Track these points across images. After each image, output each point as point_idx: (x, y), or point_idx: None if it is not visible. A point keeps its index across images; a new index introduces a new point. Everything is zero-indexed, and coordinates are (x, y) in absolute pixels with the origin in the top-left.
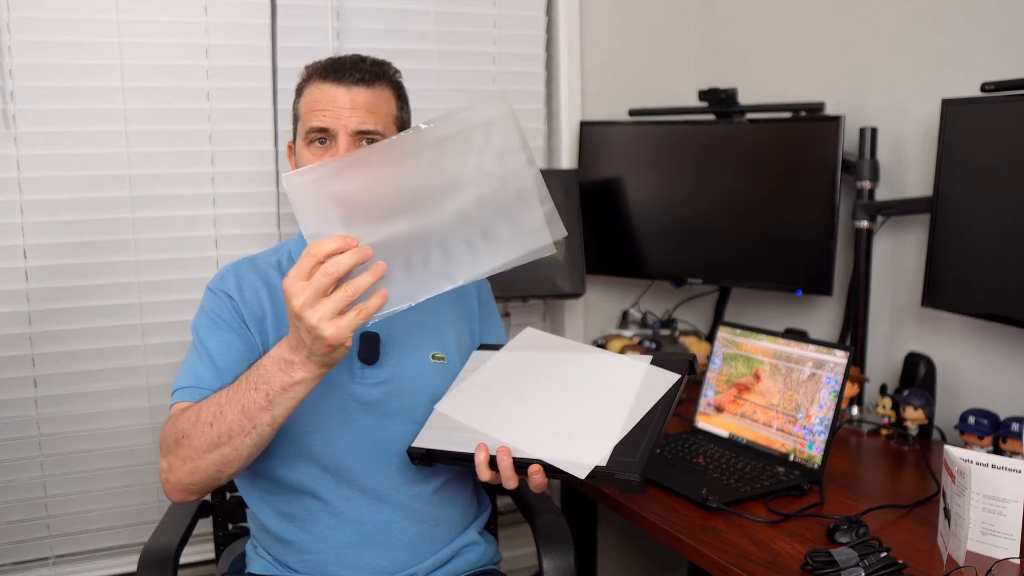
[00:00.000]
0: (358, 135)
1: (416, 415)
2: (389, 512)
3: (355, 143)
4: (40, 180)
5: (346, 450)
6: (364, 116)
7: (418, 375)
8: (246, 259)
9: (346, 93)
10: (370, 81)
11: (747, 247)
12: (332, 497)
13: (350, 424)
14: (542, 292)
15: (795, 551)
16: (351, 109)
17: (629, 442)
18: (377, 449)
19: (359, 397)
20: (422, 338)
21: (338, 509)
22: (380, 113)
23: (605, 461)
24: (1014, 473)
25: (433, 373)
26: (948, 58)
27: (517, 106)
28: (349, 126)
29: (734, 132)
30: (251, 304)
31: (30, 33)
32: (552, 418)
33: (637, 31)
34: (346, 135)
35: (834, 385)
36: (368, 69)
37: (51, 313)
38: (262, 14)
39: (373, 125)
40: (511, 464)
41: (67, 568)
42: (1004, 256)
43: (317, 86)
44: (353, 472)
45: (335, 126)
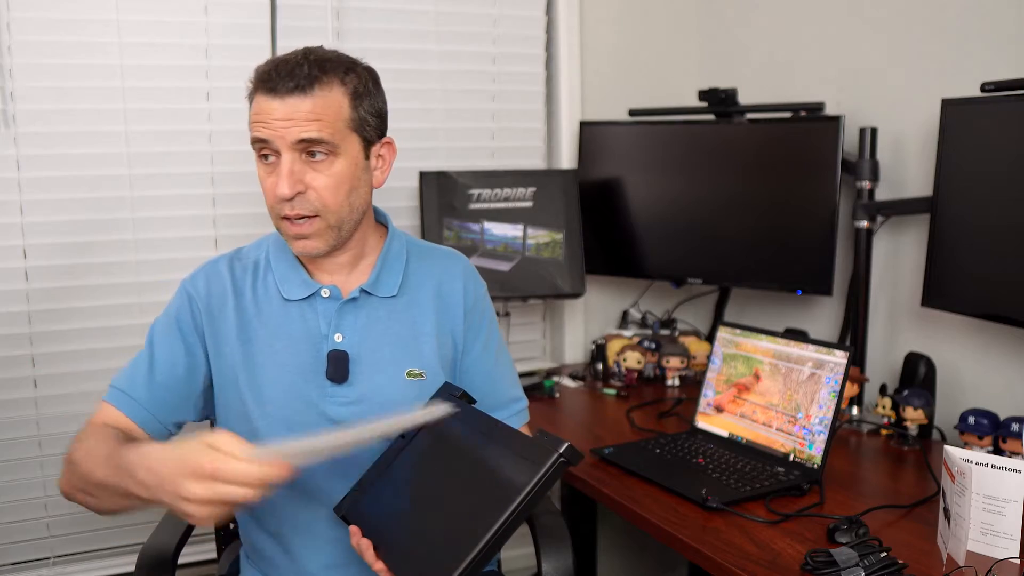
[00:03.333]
0: (301, 144)
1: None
2: None
3: (301, 155)
4: (40, 180)
5: (315, 468)
6: (304, 124)
7: (391, 394)
8: (226, 257)
9: (281, 105)
10: (307, 87)
11: (747, 247)
12: (303, 517)
13: None
14: (542, 292)
15: (795, 551)
16: (287, 121)
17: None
18: (351, 468)
19: (329, 416)
20: (397, 354)
21: (310, 530)
22: (326, 118)
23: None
24: (1014, 473)
25: (408, 390)
26: (948, 58)
27: (517, 106)
28: (288, 137)
29: (734, 132)
30: (215, 312)
31: (30, 33)
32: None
33: (637, 31)
34: (287, 149)
35: (834, 385)
36: (305, 74)
37: (51, 313)
38: (262, 14)
39: (316, 132)
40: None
41: (67, 568)
42: (1004, 256)
43: (258, 98)
44: (323, 491)
45: (273, 138)
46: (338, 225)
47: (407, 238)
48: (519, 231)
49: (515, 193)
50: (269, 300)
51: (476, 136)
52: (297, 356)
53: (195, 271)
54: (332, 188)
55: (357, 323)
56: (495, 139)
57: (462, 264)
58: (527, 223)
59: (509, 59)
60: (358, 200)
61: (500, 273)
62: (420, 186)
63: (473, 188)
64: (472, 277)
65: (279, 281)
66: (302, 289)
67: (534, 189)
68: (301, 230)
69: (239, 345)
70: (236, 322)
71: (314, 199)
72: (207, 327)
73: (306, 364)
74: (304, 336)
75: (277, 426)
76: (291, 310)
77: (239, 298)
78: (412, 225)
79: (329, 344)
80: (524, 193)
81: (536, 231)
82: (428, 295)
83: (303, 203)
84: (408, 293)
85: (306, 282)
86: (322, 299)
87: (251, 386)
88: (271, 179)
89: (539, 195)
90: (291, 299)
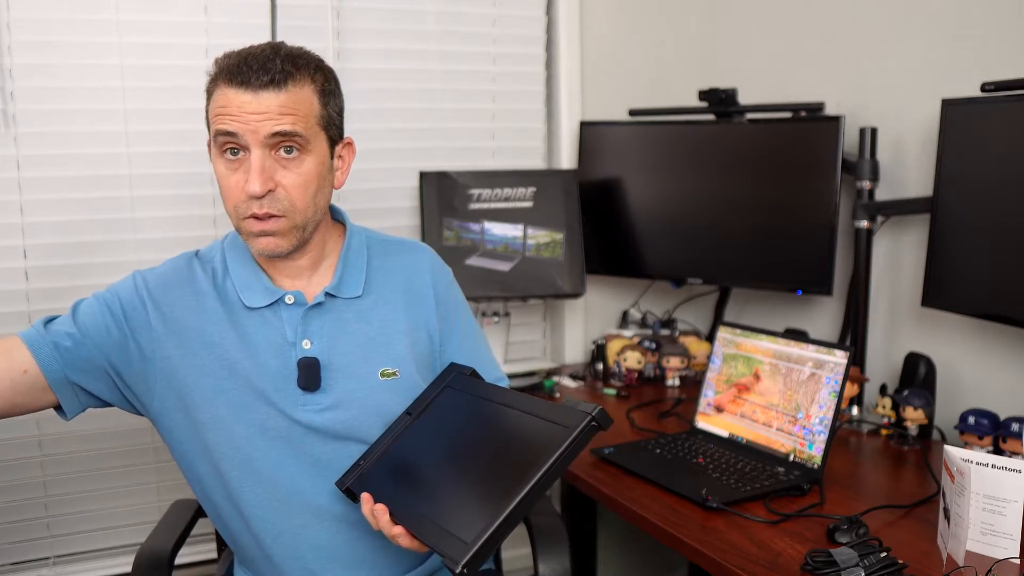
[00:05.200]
0: (274, 139)
1: (368, 435)
2: (348, 531)
3: (271, 151)
4: (40, 180)
5: (292, 472)
6: (278, 118)
7: (366, 396)
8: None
9: (254, 98)
10: (281, 81)
11: (747, 247)
12: (285, 524)
13: (294, 448)
14: (542, 292)
15: (795, 551)
16: (261, 114)
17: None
18: (329, 469)
19: (304, 423)
20: (368, 355)
21: (294, 536)
22: (299, 113)
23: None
24: (1014, 473)
25: (383, 391)
26: (948, 58)
27: (517, 106)
28: (261, 131)
29: (734, 132)
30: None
31: (30, 33)
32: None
33: (637, 31)
34: (258, 144)
35: (834, 385)
36: (279, 68)
37: (51, 313)
38: (262, 14)
39: (291, 125)
40: (388, 521)
41: (67, 568)
42: (1004, 256)
43: (223, 89)
44: (305, 494)
45: (244, 132)
46: (303, 225)
47: (367, 233)
48: (519, 231)
49: (515, 193)
50: (230, 306)
51: (476, 136)
52: (266, 364)
53: (154, 266)
54: (301, 187)
55: (324, 328)
56: (495, 139)
57: (427, 255)
58: (527, 223)
59: (509, 59)
60: (322, 200)
61: (500, 273)
62: (420, 186)
63: (473, 188)
64: (438, 267)
65: (239, 288)
66: (264, 296)
67: (534, 189)
68: (267, 227)
69: (203, 350)
70: (198, 325)
71: (283, 197)
72: (155, 321)
73: (275, 372)
74: (270, 344)
75: (250, 435)
76: (254, 318)
77: (202, 301)
78: (412, 225)
79: (298, 352)
80: (524, 193)
81: (536, 231)
82: (395, 291)
83: (272, 202)
84: (374, 291)
85: (268, 289)
86: (286, 306)
87: (219, 392)
88: (236, 176)
89: (539, 195)
90: (253, 306)
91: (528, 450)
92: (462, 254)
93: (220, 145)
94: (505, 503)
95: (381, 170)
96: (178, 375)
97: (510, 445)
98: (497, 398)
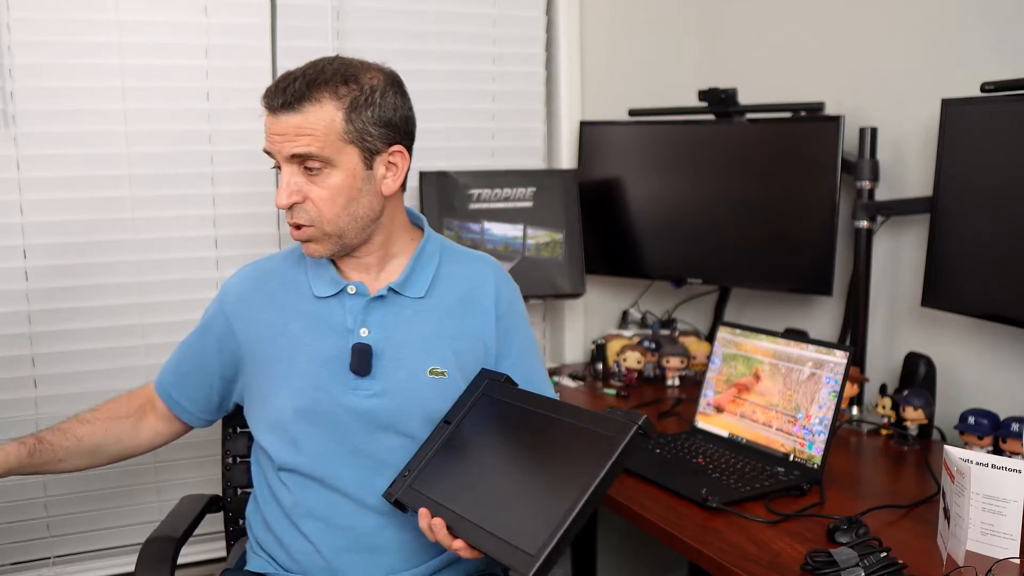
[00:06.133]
0: (295, 159)
1: (408, 428)
2: (376, 519)
3: (295, 168)
4: (40, 180)
5: (334, 457)
6: (293, 140)
7: (413, 389)
8: (264, 259)
9: (275, 121)
10: (295, 103)
11: (747, 247)
12: (320, 502)
13: (339, 432)
14: (542, 292)
15: (795, 551)
16: (281, 136)
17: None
18: (367, 459)
19: (351, 407)
20: (419, 352)
21: (326, 515)
22: (316, 133)
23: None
24: (1014, 473)
25: (430, 388)
26: (948, 58)
27: (517, 106)
28: (284, 152)
29: (734, 132)
30: (248, 311)
31: (30, 33)
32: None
33: (637, 31)
34: (286, 163)
35: (834, 385)
36: (294, 91)
37: (51, 313)
38: (262, 14)
39: (305, 148)
40: (446, 534)
41: (67, 568)
42: (1004, 256)
43: (264, 112)
44: (340, 480)
45: (274, 152)
46: (337, 234)
47: (441, 242)
48: (519, 231)
49: (515, 193)
50: (301, 298)
51: (476, 136)
52: (323, 349)
53: (235, 272)
54: (327, 200)
55: (383, 319)
56: (495, 139)
57: (493, 269)
58: (527, 223)
59: (509, 59)
60: (360, 209)
61: None
62: (420, 186)
63: (473, 188)
64: (505, 281)
65: (311, 279)
66: (330, 286)
67: (534, 189)
68: (300, 236)
69: (271, 341)
70: (269, 319)
71: (310, 209)
72: (239, 325)
73: (331, 357)
74: (331, 330)
75: (300, 418)
76: (321, 307)
77: (271, 298)
78: None
79: (355, 338)
80: (524, 193)
81: (536, 231)
82: (455, 298)
83: (300, 212)
84: (436, 295)
85: (334, 280)
86: (349, 296)
87: (283, 377)
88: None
89: (539, 195)
90: (321, 296)
91: (578, 460)
92: None
93: (272, 163)
94: (564, 515)
95: None
96: (257, 367)
97: (559, 455)
98: (538, 407)
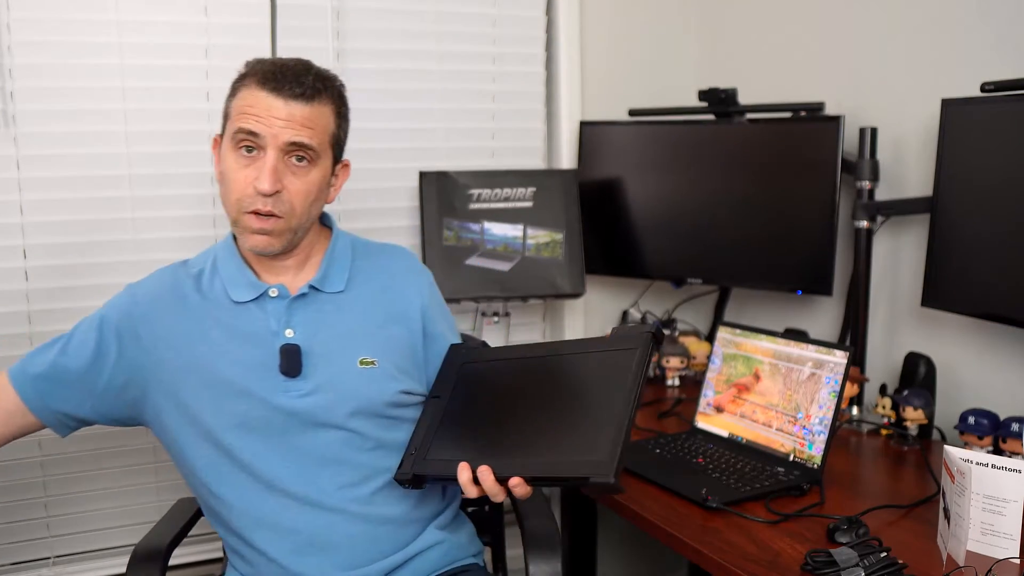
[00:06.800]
0: (290, 147)
1: (344, 422)
2: (324, 517)
3: (285, 156)
4: (40, 180)
5: (275, 460)
6: (299, 129)
7: (345, 382)
8: (172, 266)
9: (283, 106)
10: (311, 96)
11: (747, 247)
12: (265, 510)
13: (275, 435)
14: (542, 292)
15: (795, 551)
16: (286, 121)
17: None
18: (307, 457)
19: (286, 409)
20: (348, 345)
21: (274, 521)
22: (317, 128)
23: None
24: (1014, 473)
25: (361, 378)
26: (948, 58)
27: (517, 106)
28: (281, 137)
29: (734, 132)
30: (156, 318)
31: (30, 33)
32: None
33: (637, 31)
34: (275, 148)
35: (834, 385)
36: (311, 84)
37: (51, 313)
38: (262, 14)
39: (308, 139)
40: (494, 481)
41: (67, 568)
42: (1004, 256)
43: (254, 91)
44: (283, 481)
45: (265, 134)
46: (296, 229)
47: (351, 238)
48: (519, 231)
49: (515, 193)
50: (218, 304)
51: (476, 136)
52: (249, 355)
53: (144, 278)
54: (303, 194)
55: (307, 318)
56: (495, 139)
57: (408, 257)
58: (527, 223)
59: (509, 59)
60: (315, 210)
61: (500, 273)
62: (420, 186)
63: (473, 188)
64: (419, 269)
65: (227, 284)
66: (250, 291)
67: (534, 189)
68: (265, 226)
69: (188, 349)
70: (184, 327)
71: (286, 200)
72: (144, 332)
73: (258, 362)
74: (254, 335)
75: (232, 425)
76: (240, 312)
77: (185, 304)
78: (412, 225)
79: (280, 340)
80: (524, 193)
81: (536, 231)
82: (375, 288)
83: (277, 202)
84: (355, 288)
85: (253, 283)
86: (271, 298)
87: (205, 386)
88: (246, 171)
89: (539, 195)
90: (239, 301)
91: (605, 377)
92: (462, 254)
93: (237, 141)
94: (620, 416)
95: (381, 170)
96: (168, 376)
97: (582, 380)
98: (536, 352)
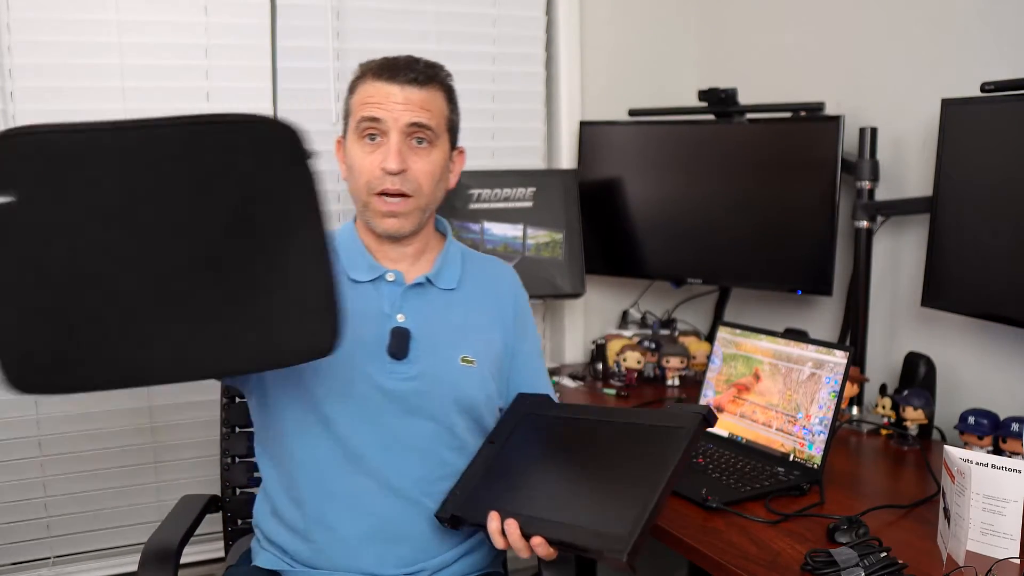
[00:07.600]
0: (411, 128)
1: (439, 414)
2: (402, 506)
3: (407, 138)
4: None
5: (366, 439)
6: (417, 111)
7: (445, 375)
8: None
9: (400, 91)
10: (423, 82)
11: (747, 247)
12: (347, 485)
13: (372, 414)
14: (542, 292)
15: (795, 551)
16: (404, 104)
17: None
18: (397, 442)
19: (386, 389)
20: (453, 340)
21: (352, 498)
22: (433, 111)
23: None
24: (1014, 473)
25: (461, 375)
26: (948, 58)
27: (517, 106)
28: (401, 120)
29: (734, 132)
30: None
31: (30, 33)
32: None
33: (637, 31)
34: (398, 130)
35: (834, 385)
36: (422, 70)
37: None
38: (262, 14)
39: (427, 119)
40: (519, 535)
41: (67, 568)
42: (1004, 256)
43: (371, 83)
44: (370, 461)
45: (387, 118)
46: (425, 208)
47: (462, 246)
48: (519, 231)
49: (515, 193)
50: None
51: (476, 136)
52: (360, 333)
53: None
54: (429, 173)
55: (419, 307)
56: (495, 139)
57: (510, 273)
58: (527, 223)
59: (509, 59)
60: (440, 192)
61: None
62: None
63: (473, 188)
64: (520, 285)
65: (347, 264)
66: (368, 272)
67: (534, 189)
68: (394, 208)
69: None
70: None
71: (413, 179)
72: None
73: (368, 340)
74: (368, 315)
75: (336, 395)
76: (356, 291)
77: None
78: None
79: (392, 323)
80: (524, 193)
81: (536, 231)
82: (481, 295)
83: (404, 181)
84: (464, 290)
85: (372, 265)
86: (387, 283)
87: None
88: (374, 156)
89: (539, 195)
90: (357, 280)
91: (649, 453)
92: None
93: (362, 131)
94: (648, 499)
95: None
96: None
97: (627, 451)
98: (591, 414)
